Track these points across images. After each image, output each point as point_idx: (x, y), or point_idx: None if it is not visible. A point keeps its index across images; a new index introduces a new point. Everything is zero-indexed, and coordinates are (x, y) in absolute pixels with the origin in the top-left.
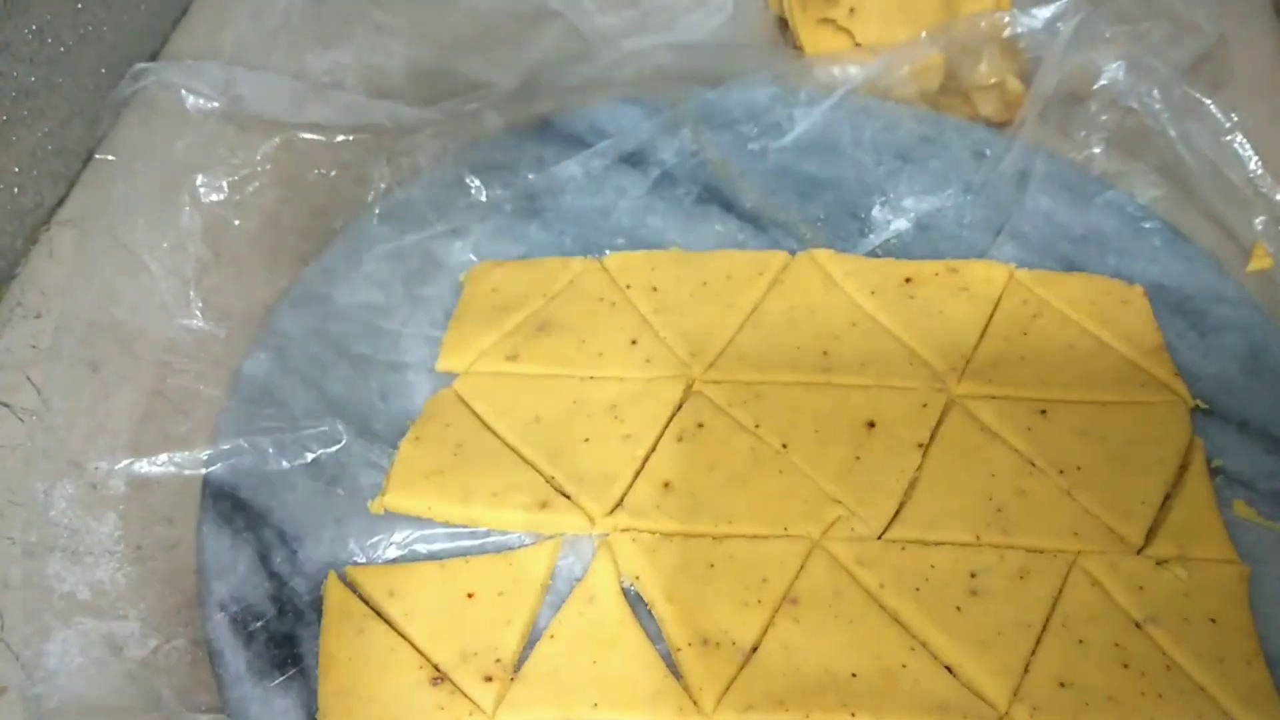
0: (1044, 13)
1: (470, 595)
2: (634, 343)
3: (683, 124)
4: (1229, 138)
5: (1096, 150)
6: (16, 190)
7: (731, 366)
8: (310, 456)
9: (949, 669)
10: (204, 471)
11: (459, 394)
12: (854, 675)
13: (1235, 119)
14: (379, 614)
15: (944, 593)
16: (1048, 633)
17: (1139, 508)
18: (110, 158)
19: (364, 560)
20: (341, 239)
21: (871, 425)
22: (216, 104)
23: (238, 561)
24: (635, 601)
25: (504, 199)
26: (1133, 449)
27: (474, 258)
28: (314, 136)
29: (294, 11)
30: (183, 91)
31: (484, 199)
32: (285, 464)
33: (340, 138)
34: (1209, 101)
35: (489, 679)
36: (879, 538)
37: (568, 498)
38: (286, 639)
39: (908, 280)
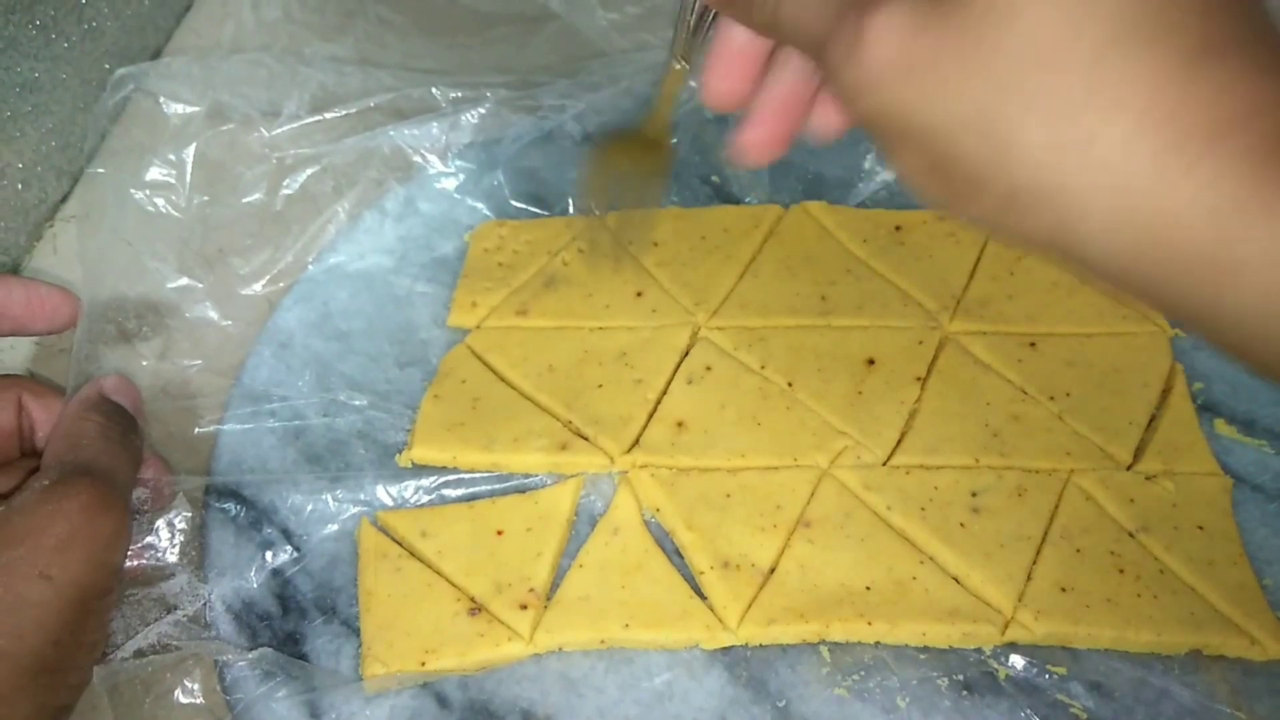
0: None
1: (500, 532)
2: (639, 294)
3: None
4: None
5: None
6: (20, 186)
7: (734, 313)
8: (331, 421)
9: (956, 580)
10: (207, 472)
11: (472, 349)
12: (868, 588)
13: None
14: (413, 554)
15: (947, 511)
16: (1047, 544)
17: (1126, 428)
18: (101, 170)
19: (394, 505)
20: (345, 217)
21: (871, 362)
22: (198, 107)
23: (241, 560)
24: (657, 532)
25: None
26: (1118, 375)
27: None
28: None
29: (295, 3)
30: (162, 98)
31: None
32: (298, 447)
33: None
34: None
35: (524, 607)
36: (884, 464)
37: (586, 439)
38: (290, 637)
39: (898, 228)
